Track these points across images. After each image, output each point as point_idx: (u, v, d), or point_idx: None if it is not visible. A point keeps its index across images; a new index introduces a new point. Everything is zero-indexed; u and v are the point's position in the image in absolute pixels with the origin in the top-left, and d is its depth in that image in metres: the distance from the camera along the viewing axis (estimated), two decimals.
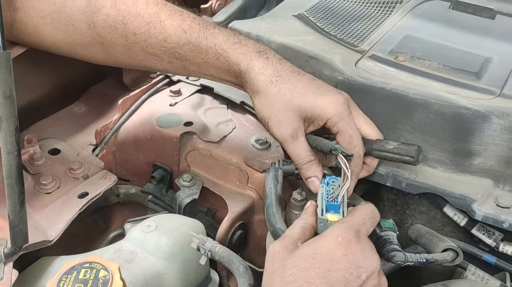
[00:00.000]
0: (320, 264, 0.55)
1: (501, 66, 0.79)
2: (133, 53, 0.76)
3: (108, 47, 0.76)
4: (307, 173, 0.72)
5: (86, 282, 0.61)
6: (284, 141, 0.71)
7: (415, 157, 0.68)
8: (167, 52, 0.74)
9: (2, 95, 0.58)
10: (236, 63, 0.72)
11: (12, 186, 0.60)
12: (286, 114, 0.70)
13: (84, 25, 0.74)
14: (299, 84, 0.70)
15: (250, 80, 0.72)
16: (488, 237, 0.77)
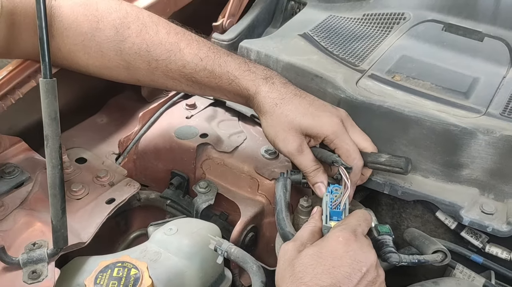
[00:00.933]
0: (325, 261, 0.63)
1: (487, 86, 0.87)
2: (155, 77, 0.84)
3: (132, 71, 0.84)
4: (314, 179, 0.80)
5: (120, 279, 0.69)
6: (291, 155, 0.79)
7: (403, 168, 0.76)
8: (185, 77, 0.82)
9: (49, 117, 0.65)
10: (246, 89, 0.81)
11: (55, 195, 0.68)
12: (289, 132, 0.78)
13: (112, 52, 0.82)
14: (300, 106, 0.79)
15: (258, 103, 0.80)
16: (476, 239, 0.85)
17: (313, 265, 0.63)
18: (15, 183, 0.81)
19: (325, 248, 0.64)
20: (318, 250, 0.64)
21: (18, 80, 0.84)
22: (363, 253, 0.64)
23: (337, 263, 0.63)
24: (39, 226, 0.76)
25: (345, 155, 0.77)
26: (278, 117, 0.78)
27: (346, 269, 0.62)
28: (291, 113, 0.78)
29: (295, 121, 0.78)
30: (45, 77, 0.64)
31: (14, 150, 0.86)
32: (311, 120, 0.78)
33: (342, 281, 0.62)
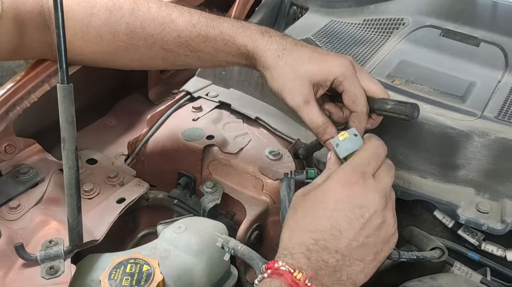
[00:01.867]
0: (326, 205, 0.61)
1: (483, 90, 0.90)
2: (154, 53, 0.85)
3: (131, 51, 0.86)
4: (325, 136, 0.75)
5: (133, 275, 0.73)
6: (298, 107, 0.75)
7: (409, 115, 0.72)
8: (182, 46, 0.83)
9: (66, 121, 0.68)
10: (243, 45, 0.78)
11: (71, 195, 0.71)
12: (296, 82, 0.74)
13: (109, 35, 0.84)
14: (304, 53, 0.75)
15: (259, 58, 0.77)
16: (472, 237, 0.89)
17: (314, 209, 0.62)
18: (31, 183, 0.84)
19: (327, 191, 0.62)
20: (321, 194, 0.63)
21: (33, 84, 0.87)
22: (366, 198, 0.61)
23: (338, 206, 0.60)
24: (55, 224, 0.79)
25: (351, 100, 0.74)
26: (282, 68, 0.75)
27: (346, 213, 0.60)
28: (295, 62, 0.75)
29: (301, 69, 0.74)
30: (62, 83, 0.68)
31: (28, 151, 0.89)
32: (318, 65, 0.74)
33: (343, 226, 0.60)
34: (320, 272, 0.58)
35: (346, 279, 0.60)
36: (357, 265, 0.60)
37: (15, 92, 0.85)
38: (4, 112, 0.84)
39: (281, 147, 0.99)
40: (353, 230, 0.60)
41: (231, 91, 1.10)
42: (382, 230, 0.62)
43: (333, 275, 0.59)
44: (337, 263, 0.59)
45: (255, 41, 0.78)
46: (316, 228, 0.60)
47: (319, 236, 0.60)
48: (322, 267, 0.59)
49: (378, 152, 0.66)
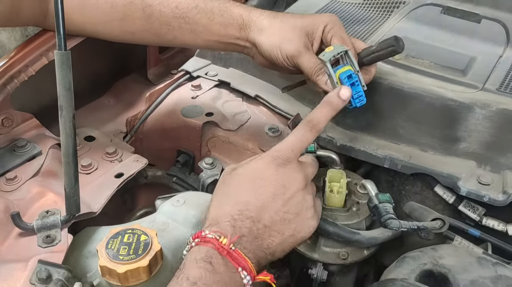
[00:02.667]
0: (253, 181, 0.68)
1: (484, 64, 0.90)
2: (149, 25, 0.87)
3: (126, 22, 0.87)
4: (323, 78, 0.80)
5: (130, 245, 0.72)
6: (299, 53, 0.81)
7: (395, 45, 0.76)
8: (178, 18, 0.85)
9: (63, 88, 0.68)
10: (239, 15, 0.84)
11: (68, 163, 0.70)
12: (294, 33, 0.81)
13: (107, 5, 0.85)
14: (295, 14, 0.85)
15: (254, 25, 0.84)
16: (473, 212, 0.88)
17: (242, 183, 0.68)
18: (28, 156, 0.84)
19: (255, 169, 0.69)
20: (250, 170, 0.69)
21: (31, 58, 0.86)
22: (288, 177, 0.68)
23: (263, 183, 0.67)
24: (52, 196, 0.79)
25: (340, 42, 0.80)
26: (278, 25, 0.82)
27: (270, 189, 0.67)
28: (289, 19, 0.83)
29: (296, 23, 0.82)
30: (60, 49, 0.67)
31: (25, 126, 0.89)
32: (310, 19, 0.83)
33: (266, 200, 0.66)
34: (243, 238, 0.64)
35: (266, 247, 0.66)
36: (276, 237, 0.67)
37: (12, 65, 0.85)
38: (2, 85, 0.83)
39: (280, 124, 0.99)
40: (275, 205, 0.67)
41: (231, 70, 1.10)
42: (302, 209, 0.68)
43: (255, 241, 0.65)
44: (258, 232, 0.65)
45: (250, 11, 0.85)
46: (242, 200, 0.66)
47: (244, 207, 0.66)
48: (245, 234, 0.65)
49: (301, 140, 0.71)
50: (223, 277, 0.61)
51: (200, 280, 0.60)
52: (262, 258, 0.66)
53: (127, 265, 0.69)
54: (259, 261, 0.66)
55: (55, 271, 0.67)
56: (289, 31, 0.82)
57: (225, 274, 0.61)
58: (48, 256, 0.69)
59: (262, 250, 0.66)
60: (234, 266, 0.62)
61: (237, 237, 0.63)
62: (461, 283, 0.68)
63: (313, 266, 0.83)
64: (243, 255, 0.63)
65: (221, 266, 0.62)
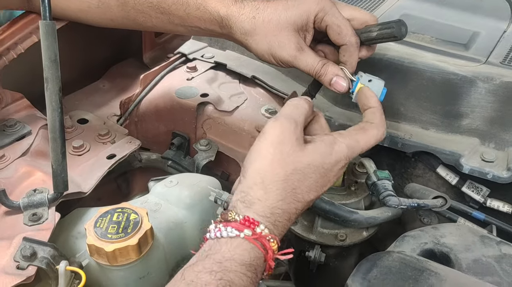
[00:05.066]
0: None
1: (487, 39, 0.87)
2: (125, 13, 0.83)
3: (103, 10, 0.84)
4: (327, 77, 0.72)
5: (119, 223, 0.70)
6: (294, 58, 0.73)
7: (397, 35, 0.70)
8: (154, 7, 0.80)
9: (49, 59, 0.66)
10: (215, 11, 0.76)
11: (55, 139, 0.68)
12: (281, 34, 0.72)
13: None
14: (278, 5, 0.74)
15: (235, 25, 0.75)
16: (477, 194, 0.85)
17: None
18: (17, 135, 0.82)
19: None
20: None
21: (20, 36, 0.85)
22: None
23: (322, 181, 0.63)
24: (40, 175, 0.76)
25: (336, 33, 0.71)
26: (262, 27, 0.73)
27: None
28: (273, 15, 0.73)
29: (281, 20, 0.73)
30: (44, 19, 0.65)
31: (15, 106, 0.87)
32: (295, 10, 0.72)
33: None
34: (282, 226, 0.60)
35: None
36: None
37: (2, 42, 0.83)
38: None
39: (278, 105, 0.96)
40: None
41: (228, 52, 1.07)
42: None
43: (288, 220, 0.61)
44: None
45: (228, 7, 0.76)
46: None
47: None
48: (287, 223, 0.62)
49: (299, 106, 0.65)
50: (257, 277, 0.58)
51: None
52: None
53: (115, 243, 0.67)
54: None
55: (40, 249, 0.64)
56: (276, 34, 0.72)
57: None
58: (34, 233, 0.67)
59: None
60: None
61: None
62: (463, 263, 0.65)
63: (310, 248, 0.80)
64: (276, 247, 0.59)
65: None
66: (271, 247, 0.58)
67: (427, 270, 0.48)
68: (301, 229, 0.81)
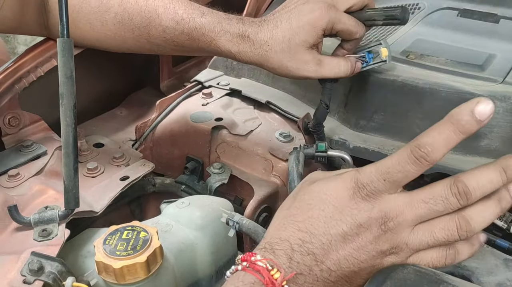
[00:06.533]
0: (325, 207, 0.52)
1: (504, 60, 0.85)
2: (141, 43, 0.87)
3: (119, 40, 0.88)
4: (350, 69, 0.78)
5: (129, 241, 0.69)
6: (316, 73, 0.77)
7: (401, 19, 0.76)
8: (168, 41, 0.84)
9: (65, 75, 0.67)
10: (227, 50, 0.81)
11: (68, 155, 0.69)
12: (297, 57, 0.76)
13: (98, 23, 0.86)
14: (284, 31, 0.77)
15: (249, 59, 0.80)
16: (499, 219, 0.81)
17: (311, 205, 0.53)
18: (32, 155, 0.83)
19: (331, 191, 0.53)
20: (324, 190, 0.53)
21: (40, 59, 0.87)
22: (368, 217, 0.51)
23: (336, 215, 0.52)
24: (53, 193, 0.77)
25: (348, 34, 0.77)
26: (276, 57, 0.77)
27: (343, 226, 0.51)
28: (285, 44, 0.76)
29: (292, 46, 0.76)
30: (62, 36, 0.67)
31: (33, 128, 0.88)
32: (304, 31, 0.75)
33: (335, 238, 0.51)
34: (301, 278, 0.51)
35: None
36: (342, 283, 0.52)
37: (22, 65, 0.85)
38: (10, 85, 0.84)
39: (292, 130, 0.96)
40: (345, 247, 0.51)
41: (243, 80, 1.08)
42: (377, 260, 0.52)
43: (315, 284, 0.51)
44: (322, 274, 0.51)
45: (238, 46, 0.80)
46: (307, 228, 0.52)
47: (307, 239, 0.52)
48: (304, 272, 0.51)
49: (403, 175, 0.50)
50: None
51: None
52: None
53: (124, 260, 0.66)
54: None
55: (48, 264, 0.64)
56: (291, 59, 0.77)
57: None
58: (43, 249, 0.66)
59: None
60: None
61: (293, 274, 0.50)
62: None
63: None
64: None
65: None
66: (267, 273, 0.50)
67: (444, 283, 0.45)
68: None
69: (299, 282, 0.51)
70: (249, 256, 0.52)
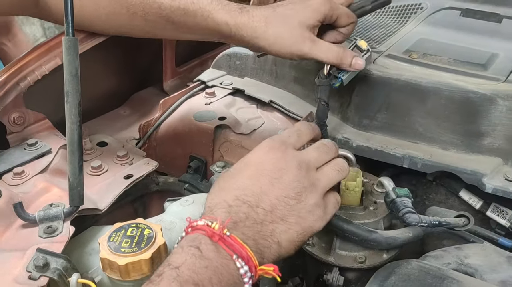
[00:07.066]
0: (249, 167, 0.63)
1: (506, 60, 0.86)
2: (134, 22, 0.86)
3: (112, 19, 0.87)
4: (348, 60, 0.79)
5: (133, 238, 0.69)
6: (310, 49, 0.79)
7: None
8: (163, 18, 0.84)
9: (69, 73, 0.68)
10: (224, 23, 0.81)
11: (73, 152, 0.69)
12: (295, 33, 0.78)
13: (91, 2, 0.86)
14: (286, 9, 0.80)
15: (246, 33, 0.81)
16: (502, 218, 0.82)
17: (239, 170, 0.63)
18: (37, 153, 0.83)
19: (252, 156, 0.64)
20: (247, 159, 0.65)
21: (45, 58, 0.88)
22: (285, 162, 0.62)
23: (261, 168, 0.62)
24: (57, 191, 0.77)
25: (345, 20, 0.81)
26: (275, 32, 0.79)
27: (268, 173, 0.61)
28: (283, 19, 0.79)
29: (291, 21, 0.79)
30: (67, 35, 0.67)
31: (38, 126, 0.89)
32: (305, 12, 0.79)
33: (264, 185, 0.61)
34: (240, 223, 0.58)
35: (270, 235, 0.59)
36: (279, 223, 0.60)
37: (27, 64, 0.86)
38: (15, 83, 0.84)
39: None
40: (274, 190, 0.61)
41: (246, 79, 1.09)
42: (303, 196, 0.61)
43: (254, 226, 0.58)
44: (258, 216, 0.59)
45: (235, 18, 0.81)
46: (239, 186, 0.61)
47: (241, 193, 0.60)
48: (242, 219, 0.58)
49: (301, 130, 0.68)
50: (212, 263, 0.54)
51: (184, 264, 0.53)
52: (265, 247, 0.58)
53: (128, 257, 0.66)
54: (262, 250, 0.58)
55: (53, 260, 0.64)
56: (290, 34, 0.79)
57: (216, 260, 0.54)
58: (48, 245, 0.66)
59: (264, 238, 0.58)
60: (228, 253, 0.55)
61: (229, 220, 0.57)
62: None
63: (329, 271, 0.77)
64: (239, 241, 0.56)
65: (211, 252, 0.55)
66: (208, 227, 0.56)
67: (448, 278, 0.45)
68: (318, 251, 0.78)
69: (239, 228, 0.58)
70: (191, 222, 0.59)
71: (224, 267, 0.54)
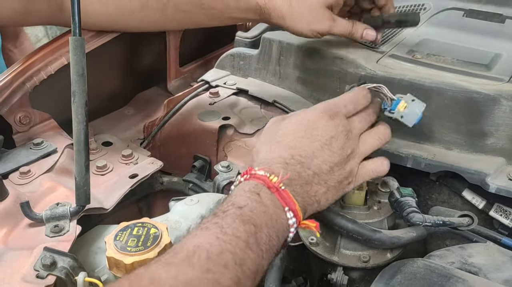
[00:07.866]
0: (305, 128, 0.68)
1: (510, 60, 0.86)
2: (167, 13, 0.91)
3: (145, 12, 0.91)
4: (359, 31, 0.88)
5: (139, 237, 0.70)
6: (330, 27, 0.87)
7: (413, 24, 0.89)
8: (195, 4, 0.90)
9: (76, 73, 0.68)
10: (255, 3, 0.87)
11: (80, 152, 0.69)
12: (316, 12, 0.86)
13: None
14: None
15: (273, 12, 0.87)
16: (505, 218, 0.82)
17: (294, 129, 0.68)
18: (43, 153, 0.84)
19: (306, 117, 0.69)
20: (301, 119, 0.69)
21: (50, 58, 0.88)
22: (336, 131, 0.67)
23: (315, 132, 0.67)
24: (64, 190, 0.78)
25: None
26: (299, 10, 0.86)
27: (321, 139, 0.67)
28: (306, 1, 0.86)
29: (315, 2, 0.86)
30: (74, 35, 0.68)
31: (43, 126, 0.89)
32: None
33: (316, 149, 0.66)
34: (293, 181, 0.64)
35: (314, 195, 0.66)
36: (322, 185, 0.67)
37: (33, 64, 0.86)
38: (21, 83, 0.85)
39: None
40: (323, 154, 0.67)
41: (249, 80, 1.09)
42: (343, 162, 0.68)
43: (304, 186, 0.65)
44: (308, 177, 0.65)
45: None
46: (295, 145, 0.66)
47: (296, 152, 0.66)
48: (295, 178, 0.64)
49: (357, 98, 0.72)
50: (268, 211, 0.60)
51: (246, 206, 0.59)
52: (308, 205, 0.65)
53: (134, 256, 0.67)
54: (306, 207, 0.65)
55: (60, 259, 0.64)
56: (312, 13, 0.86)
57: (271, 208, 0.60)
58: (54, 244, 0.67)
59: (309, 197, 0.65)
60: (281, 204, 0.61)
61: (287, 176, 0.63)
62: None
63: (333, 270, 0.78)
64: (291, 196, 0.62)
65: (268, 201, 0.61)
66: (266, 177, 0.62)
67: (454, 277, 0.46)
68: (323, 250, 0.79)
69: (292, 184, 0.64)
70: (249, 169, 0.65)
71: (277, 215, 0.61)
